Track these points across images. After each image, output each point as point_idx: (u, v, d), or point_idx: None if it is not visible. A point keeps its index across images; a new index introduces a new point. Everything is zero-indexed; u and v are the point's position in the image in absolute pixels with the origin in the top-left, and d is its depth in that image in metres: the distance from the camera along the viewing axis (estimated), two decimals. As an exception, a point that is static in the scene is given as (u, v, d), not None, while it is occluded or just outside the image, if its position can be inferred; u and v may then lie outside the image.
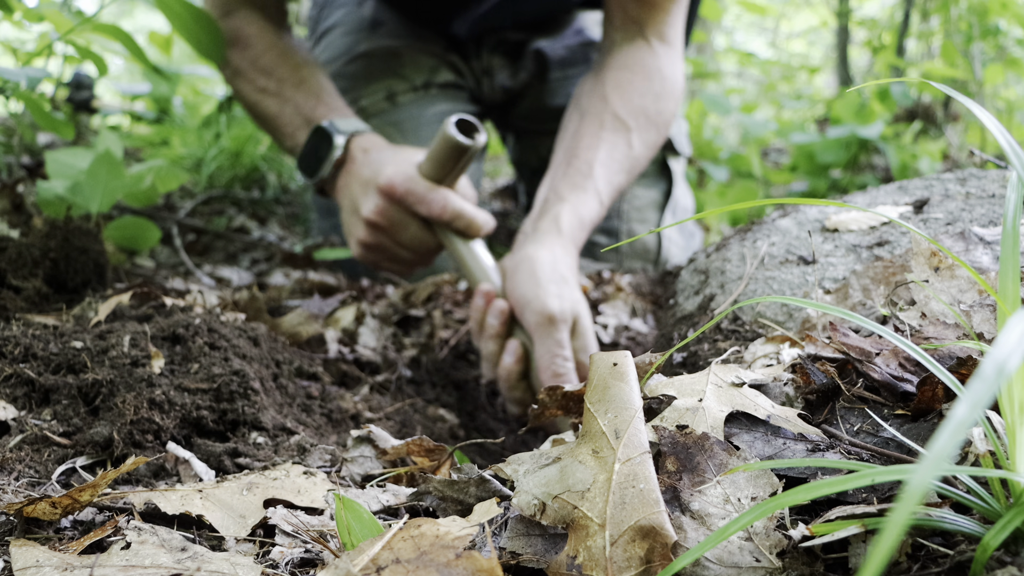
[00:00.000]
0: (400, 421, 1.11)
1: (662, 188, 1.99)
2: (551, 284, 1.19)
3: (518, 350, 1.20)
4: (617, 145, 1.43)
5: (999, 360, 0.31)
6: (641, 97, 1.47)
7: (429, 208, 1.27)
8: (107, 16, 4.19)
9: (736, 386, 0.63)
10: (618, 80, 1.47)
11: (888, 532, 0.26)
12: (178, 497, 0.64)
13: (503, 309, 1.21)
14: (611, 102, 1.45)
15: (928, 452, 0.28)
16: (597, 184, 1.38)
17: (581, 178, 1.37)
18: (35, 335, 0.89)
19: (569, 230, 1.30)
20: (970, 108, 0.54)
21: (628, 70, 1.49)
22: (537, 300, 1.17)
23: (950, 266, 0.77)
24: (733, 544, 0.49)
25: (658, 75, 1.50)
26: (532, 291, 1.18)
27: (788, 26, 9.07)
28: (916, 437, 0.58)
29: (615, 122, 1.44)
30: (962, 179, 1.16)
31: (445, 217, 1.27)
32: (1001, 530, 0.43)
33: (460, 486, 0.60)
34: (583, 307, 1.22)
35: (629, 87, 1.47)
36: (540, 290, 1.18)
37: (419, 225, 1.31)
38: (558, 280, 1.20)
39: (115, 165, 1.38)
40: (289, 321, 1.23)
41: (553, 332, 1.15)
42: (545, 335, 1.16)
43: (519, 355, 1.20)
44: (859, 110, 3.00)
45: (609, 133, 1.43)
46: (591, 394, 0.56)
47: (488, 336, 1.22)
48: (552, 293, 1.18)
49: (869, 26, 5.04)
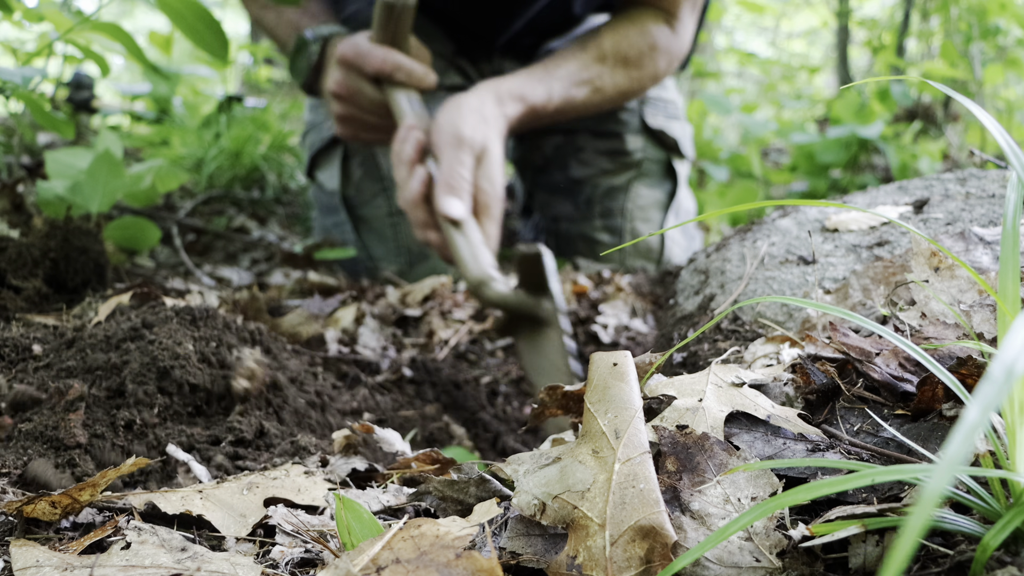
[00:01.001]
0: (399, 424, 1.11)
1: (666, 189, 2.00)
2: (470, 114, 1.32)
3: (424, 175, 1.31)
4: (588, 66, 1.59)
5: (1007, 362, 0.31)
6: (629, 45, 1.64)
7: (371, 63, 1.40)
8: (107, 16, 4.19)
9: (736, 386, 0.63)
10: (615, 27, 1.66)
11: (907, 535, 0.26)
12: (178, 497, 0.64)
13: (419, 138, 1.33)
14: (602, 40, 1.63)
15: (941, 455, 0.28)
16: (552, 82, 1.53)
17: (542, 71, 1.54)
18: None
19: (507, 92, 1.44)
20: (970, 108, 0.54)
21: (629, 23, 1.66)
22: (451, 124, 1.29)
23: (950, 266, 0.77)
24: (733, 544, 0.49)
25: (652, 36, 1.66)
26: (450, 119, 1.31)
27: (788, 26, 9.07)
28: (916, 437, 0.58)
29: (598, 52, 1.61)
30: (962, 179, 1.16)
31: (387, 69, 1.40)
32: (1001, 530, 0.43)
33: (460, 486, 0.60)
34: (495, 145, 1.33)
35: (623, 35, 1.64)
36: (458, 118, 1.30)
37: (373, 88, 1.45)
38: (479, 118, 1.32)
39: (115, 165, 1.38)
40: (289, 321, 1.23)
41: (459, 152, 1.27)
42: (450, 152, 1.26)
43: (424, 179, 1.30)
44: (859, 110, 3.00)
45: (586, 56, 1.60)
46: (591, 394, 0.56)
47: (401, 162, 1.34)
48: (468, 121, 1.30)
49: (869, 26, 5.04)
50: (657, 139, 1.99)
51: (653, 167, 1.99)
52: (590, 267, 1.84)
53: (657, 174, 1.99)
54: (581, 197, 1.99)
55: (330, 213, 1.91)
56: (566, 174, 2.01)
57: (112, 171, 1.39)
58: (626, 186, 1.98)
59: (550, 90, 1.52)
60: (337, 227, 1.90)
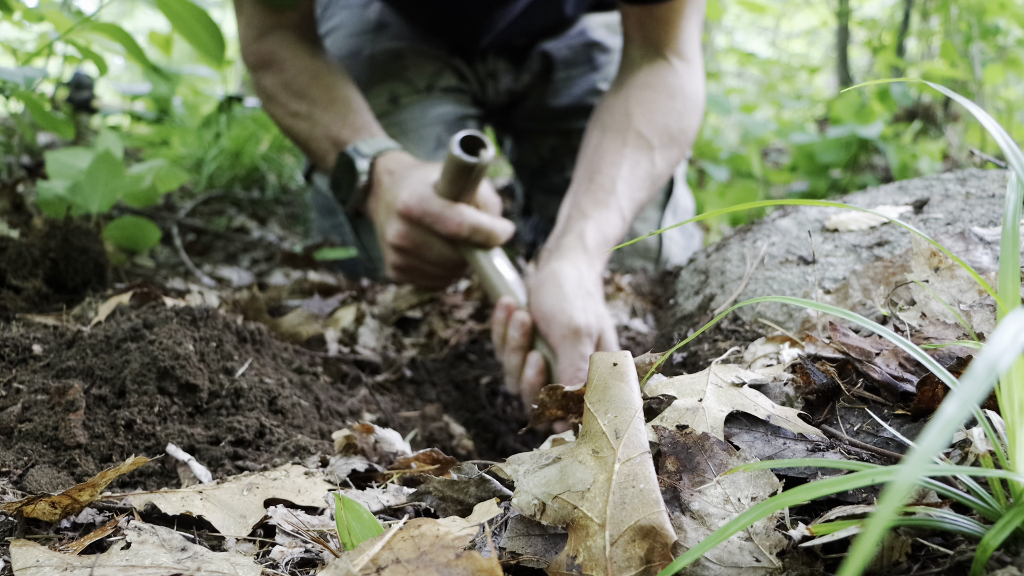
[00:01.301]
0: (399, 424, 1.11)
1: (665, 189, 2.00)
2: (577, 299, 1.19)
3: (540, 363, 1.20)
4: (640, 163, 1.43)
5: (991, 358, 0.31)
6: (664, 116, 1.48)
7: (446, 227, 1.27)
8: (107, 16, 4.19)
9: (736, 386, 0.63)
10: (641, 99, 1.48)
11: (871, 530, 0.26)
12: (178, 498, 0.64)
13: (524, 321, 1.21)
14: (634, 120, 1.46)
15: (917, 446, 0.28)
16: (620, 201, 1.38)
17: (604, 194, 1.38)
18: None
19: (594, 246, 1.30)
20: (969, 109, 0.54)
21: (651, 89, 1.50)
22: (563, 313, 1.17)
23: (950, 266, 0.77)
24: (733, 544, 0.49)
25: (680, 94, 1.51)
26: (558, 305, 1.18)
27: (788, 26, 9.07)
28: (916, 437, 0.58)
29: (638, 139, 1.45)
30: (962, 179, 1.16)
31: (463, 234, 1.28)
32: (1001, 530, 0.43)
33: (460, 486, 0.60)
34: (608, 322, 1.22)
35: (652, 106, 1.48)
36: (567, 304, 1.17)
37: (442, 243, 1.32)
38: (584, 295, 1.20)
39: (115, 165, 1.38)
40: (289, 321, 1.23)
41: (578, 345, 1.15)
42: (570, 348, 1.15)
43: (540, 367, 1.19)
44: (859, 110, 3.00)
45: (632, 150, 1.43)
46: (591, 394, 0.56)
47: (510, 349, 1.22)
48: (578, 307, 1.17)
49: (869, 26, 5.04)
50: None
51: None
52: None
53: None
54: None
55: (328, 215, 1.92)
56: (563, 175, 2.01)
57: (112, 171, 1.39)
58: None
59: (622, 214, 1.38)
60: (336, 228, 1.90)
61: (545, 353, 1.20)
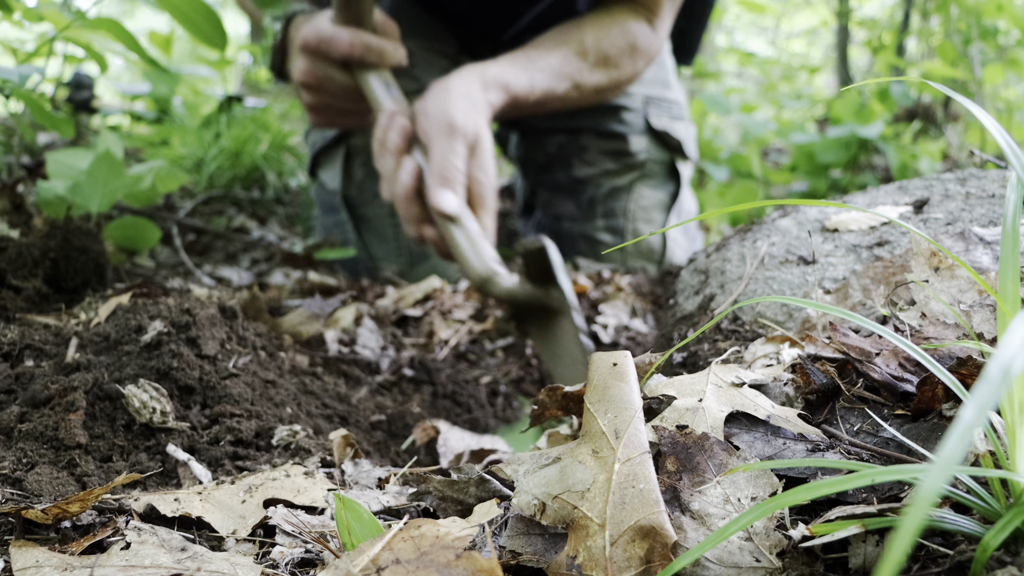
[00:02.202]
0: (401, 424, 1.11)
1: (669, 190, 2.00)
2: (459, 100, 1.24)
3: (414, 167, 1.23)
4: (569, 60, 1.56)
5: (1004, 362, 0.31)
6: (610, 44, 1.61)
7: (339, 48, 1.31)
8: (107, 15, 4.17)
9: (736, 386, 0.63)
10: (597, 22, 1.62)
11: (901, 535, 0.26)
12: (178, 498, 0.64)
13: (404, 125, 1.26)
14: (584, 32, 1.59)
15: (937, 455, 0.28)
16: (535, 73, 1.48)
17: (525, 60, 1.49)
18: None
19: (492, 79, 1.38)
20: (969, 108, 0.54)
21: (611, 20, 1.62)
22: (441, 111, 1.22)
23: (950, 266, 0.77)
24: (733, 544, 0.49)
25: (632, 37, 1.63)
26: (439, 103, 1.23)
27: (788, 25, 9.07)
28: (916, 437, 0.58)
29: (579, 46, 1.57)
30: (962, 179, 1.16)
31: (356, 53, 1.31)
32: (1001, 530, 0.43)
33: (460, 486, 0.60)
34: (487, 133, 1.26)
35: (604, 32, 1.60)
36: (448, 103, 1.23)
37: (343, 73, 1.36)
38: (468, 104, 1.25)
39: (115, 165, 1.38)
40: (289, 321, 1.23)
41: (451, 140, 1.19)
42: (443, 141, 1.19)
43: (414, 171, 1.23)
44: (859, 110, 3.00)
45: (568, 50, 1.56)
46: (591, 394, 0.56)
47: (388, 152, 1.26)
48: (458, 108, 1.23)
49: (869, 26, 5.04)
50: (661, 140, 1.99)
51: (656, 168, 1.99)
52: (591, 267, 1.84)
53: (660, 175, 1.99)
54: (584, 197, 1.99)
55: (331, 212, 1.91)
56: (569, 173, 2.01)
57: (113, 171, 1.39)
58: (629, 187, 1.98)
59: (532, 81, 1.48)
60: (338, 226, 1.90)
61: (420, 161, 1.22)
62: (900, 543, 0.26)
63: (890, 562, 0.27)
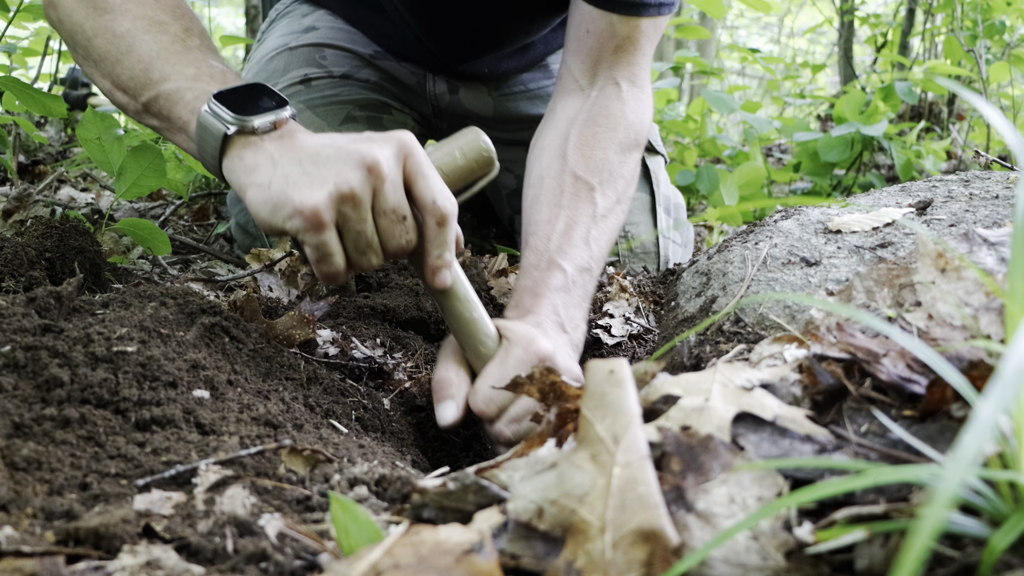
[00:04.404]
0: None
1: (647, 190, 1.94)
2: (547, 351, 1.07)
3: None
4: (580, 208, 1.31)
5: (1019, 361, 0.31)
6: (604, 151, 1.36)
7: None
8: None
9: (746, 390, 0.62)
10: (579, 135, 1.37)
11: (918, 537, 0.26)
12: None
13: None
14: (570, 162, 1.34)
15: (952, 455, 0.28)
16: (592, 247, 1.27)
17: (555, 265, 1.24)
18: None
19: (568, 318, 1.19)
20: (976, 104, 0.53)
21: (592, 122, 1.38)
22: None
23: (956, 268, 0.76)
24: (739, 544, 0.48)
25: (622, 123, 1.39)
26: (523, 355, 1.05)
27: (791, 23, 9.06)
28: (924, 438, 0.57)
29: (575, 184, 1.32)
30: (965, 180, 1.15)
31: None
32: (1008, 532, 0.42)
33: (456, 495, 0.58)
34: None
35: (591, 141, 1.36)
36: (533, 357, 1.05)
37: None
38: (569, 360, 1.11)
39: (158, 161, 1.38)
40: (283, 323, 1.22)
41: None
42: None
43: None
44: (863, 108, 2.99)
45: (569, 198, 1.31)
46: (588, 401, 0.55)
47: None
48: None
49: (873, 24, 5.03)
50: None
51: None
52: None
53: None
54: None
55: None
56: None
57: (153, 166, 1.39)
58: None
59: (591, 255, 1.27)
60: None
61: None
62: (916, 546, 0.26)
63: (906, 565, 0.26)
